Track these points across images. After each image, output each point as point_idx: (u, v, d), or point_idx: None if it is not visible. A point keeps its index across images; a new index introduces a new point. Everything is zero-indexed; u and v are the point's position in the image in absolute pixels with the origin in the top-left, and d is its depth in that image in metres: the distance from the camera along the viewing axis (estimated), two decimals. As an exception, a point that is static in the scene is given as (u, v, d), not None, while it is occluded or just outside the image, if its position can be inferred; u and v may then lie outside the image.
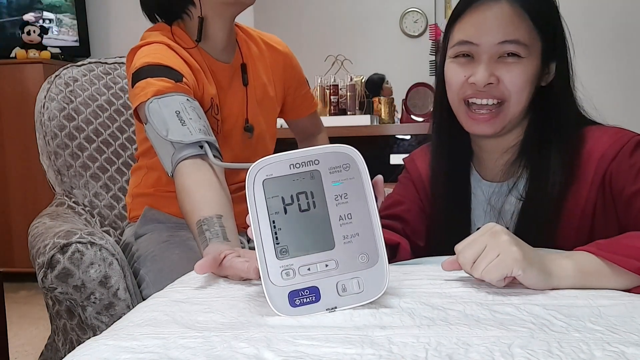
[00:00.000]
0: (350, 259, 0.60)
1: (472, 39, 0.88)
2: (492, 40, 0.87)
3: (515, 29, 0.87)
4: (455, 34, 0.92)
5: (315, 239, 0.60)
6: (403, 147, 2.53)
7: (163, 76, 1.06)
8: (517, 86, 0.88)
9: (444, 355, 0.47)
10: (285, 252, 0.59)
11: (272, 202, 0.59)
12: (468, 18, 0.90)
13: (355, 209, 0.61)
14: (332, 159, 0.61)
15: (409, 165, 1.08)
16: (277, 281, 0.59)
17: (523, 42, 0.87)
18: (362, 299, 0.60)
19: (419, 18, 2.92)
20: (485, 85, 0.88)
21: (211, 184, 0.98)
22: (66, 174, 1.45)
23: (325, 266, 0.59)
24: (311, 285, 0.59)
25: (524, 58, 0.87)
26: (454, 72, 0.92)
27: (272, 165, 0.60)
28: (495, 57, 0.88)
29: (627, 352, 0.47)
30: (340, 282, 0.60)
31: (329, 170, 0.61)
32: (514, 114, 0.90)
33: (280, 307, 0.58)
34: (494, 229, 0.67)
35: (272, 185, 0.60)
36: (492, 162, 0.97)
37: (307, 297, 0.59)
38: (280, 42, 1.38)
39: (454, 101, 0.93)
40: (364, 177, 0.61)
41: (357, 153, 0.62)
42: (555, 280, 0.66)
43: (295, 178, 0.60)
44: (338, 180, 0.61)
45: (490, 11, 0.88)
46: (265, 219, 0.59)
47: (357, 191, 0.61)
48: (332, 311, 0.59)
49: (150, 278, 1.12)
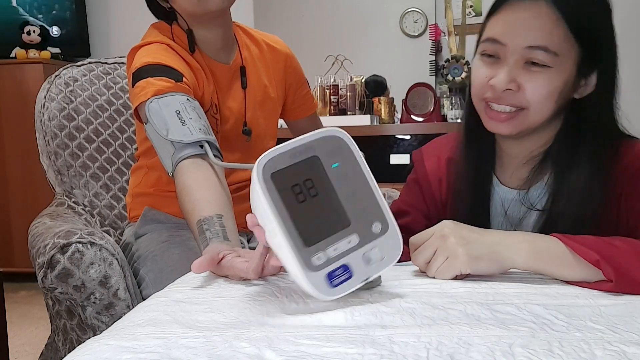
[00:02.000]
0: (367, 230, 0.63)
1: (500, 37, 0.84)
2: (520, 43, 0.82)
3: (547, 34, 0.80)
4: (486, 29, 0.87)
5: (331, 220, 0.62)
6: (403, 147, 2.53)
7: (163, 76, 1.06)
8: (538, 96, 0.82)
9: (445, 355, 0.47)
10: (310, 239, 0.60)
11: (284, 195, 0.60)
12: (502, 15, 0.85)
13: (357, 184, 0.64)
14: (325, 142, 0.63)
15: (416, 160, 1.05)
16: (313, 268, 0.59)
17: (553, 49, 0.81)
18: (386, 264, 0.64)
19: (419, 18, 2.92)
20: (504, 91, 0.83)
21: (211, 183, 0.98)
22: (66, 174, 1.45)
23: (348, 243, 0.62)
24: (342, 264, 0.61)
25: (551, 67, 0.81)
26: (477, 70, 0.88)
27: (275, 159, 0.60)
28: (521, 62, 0.82)
29: (627, 352, 0.47)
30: (364, 254, 0.62)
31: (326, 154, 0.63)
32: (533, 122, 0.85)
33: (324, 291, 0.60)
34: (443, 232, 0.73)
35: (280, 178, 0.60)
36: (513, 167, 0.93)
37: (342, 276, 0.61)
38: (281, 42, 1.38)
39: (474, 98, 0.89)
40: (356, 153, 0.64)
41: (344, 132, 0.65)
42: (509, 263, 0.70)
43: (298, 167, 0.61)
44: (335, 161, 0.63)
45: (525, 12, 0.82)
46: (284, 212, 0.59)
47: (353, 168, 0.64)
48: (366, 282, 0.63)
49: (150, 278, 1.12)
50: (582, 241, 0.68)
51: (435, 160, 1.01)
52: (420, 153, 1.05)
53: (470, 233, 0.73)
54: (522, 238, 0.72)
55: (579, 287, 0.67)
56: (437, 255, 0.72)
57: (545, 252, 0.69)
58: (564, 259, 0.68)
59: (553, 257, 0.69)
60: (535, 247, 0.70)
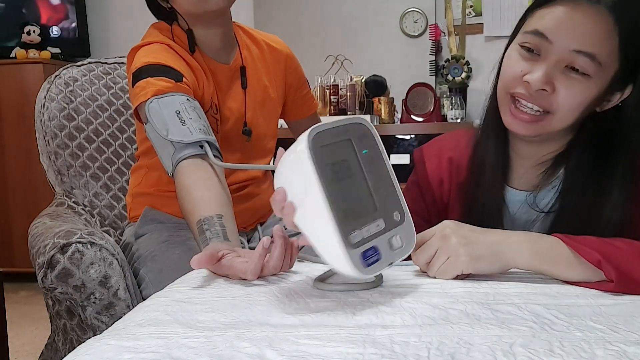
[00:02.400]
0: (390, 218, 0.65)
1: (548, 33, 0.78)
2: (568, 45, 0.77)
3: (598, 42, 0.76)
4: (533, 19, 0.81)
5: (363, 202, 0.63)
6: (403, 147, 2.53)
7: (163, 76, 1.06)
8: (569, 104, 0.79)
9: (446, 355, 0.47)
10: (347, 217, 0.61)
11: (328, 170, 0.60)
12: (555, 8, 0.79)
13: (381, 172, 0.67)
14: (356, 128, 0.66)
15: (418, 166, 1.03)
16: (352, 245, 0.60)
17: (599, 59, 0.77)
18: (404, 253, 0.67)
19: (419, 18, 2.92)
20: (538, 90, 0.79)
21: (211, 183, 0.98)
22: (66, 174, 1.45)
23: (376, 226, 0.63)
24: (373, 245, 0.63)
25: (591, 77, 0.78)
26: (513, 61, 0.83)
27: (323, 134, 0.62)
28: (562, 64, 0.78)
29: (628, 351, 0.47)
30: (389, 239, 0.65)
31: (358, 139, 0.65)
32: (554, 128, 0.83)
33: (360, 269, 0.60)
34: (444, 232, 0.73)
35: (325, 153, 0.61)
36: (522, 169, 0.91)
37: (374, 257, 0.62)
38: (281, 42, 1.38)
39: (500, 90, 0.85)
40: (379, 143, 0.68)
41: (369, 123, 0.68)
42: (511, 263, 0.71)
43: (338, 146, 0.63)
44: (365, 148, 0.66)
45: (581, 12, 0.77)
46: (327, 185, 0.59)
47: (378, 157, 0.67)
48: (391, 266, 0.65)
49: (150, 278, 1.12)
50: (583, 242, 0.68)
51: (436, 161, 1.00)
52: (421, 152, 1.03)
53: (471, 233, 0.73)
54: (524, 238, 0.72)
55: (579, 287, 0.67)
56: (438, 255, 0.72)
57: (546, 252, 0.70)
58: (565, 259, 0.68)
59: (554, 257, 0.69)
60: (537, 247, 0.70)
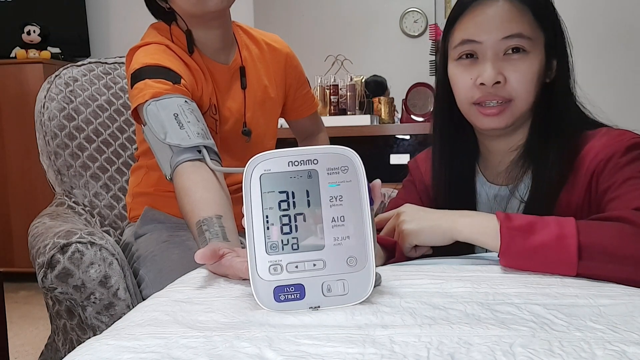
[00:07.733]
0: (338, 260, 0.60)
1: (474, 37, 0.88)
2: (495, 37, 0.87)
3: (517, 23, 0.86)
4: (456, 34, 0.91)
5: (305, 237, 0.60)
6: (403, 147, 2.53)
7: (161, 78, 1.06)
8: (524, 84, 0.87)
9: (446, 355, 0.47)
10: (275, 247, 0.60)
11: (267, 197, 0.60)
12: (468, 17, 0.89)
13: (349, 212, 0.61)
14: (331, 160, 0.61)
15: (412, 167, 1.09)
16: (265, 275, 0.59)
17: (526, 35, 0.86)
18: (346, 301, 0.60)
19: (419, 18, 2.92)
20: (493, 85, 0.87)
21: (210, 184, 0.98)
22: (66, 174, 1.45)
23: (312, 265, 0.60)
24: (297, 282, 0.60)
25: (529, 52, 0.87)
26: (459, 75, 0.91)
27: (270, 161, 0.60)
28: (500, 54, 0.87)
29: (628, 351, 0.47)
30: (326, 282, 0.60)
31: (327, 171, 0.61)
32: (521, 111, 0.89)
33: (265, 301, 0.59)
34: (399, 212, 0.86)
35: (268, 180, 0.60)
36: (496, 163, 0.97)
37: (292, 294, 0.60)
38: (281, 42, 1.38)
39: (463, 104, 0.92)
40: (361, 181, 0.61)
41: (356, 156, 0.62)
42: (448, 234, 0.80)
43: (293, 175, 0.60)
44: (335, 182, 0.61)
45: (490, 8, 0.88)
46: (259, 213, 0.59)
47: (352, 194, 0.61)
48: (315, 310, 0.59)
49: (150, 278, 1.12)
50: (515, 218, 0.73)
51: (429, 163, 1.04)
52: (415, 161, 1.09)
53: (418, 212, 0.84)
54: (466, 214, 0.81)
55: (578, 287, 0.67)
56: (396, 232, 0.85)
57: (478, 226, 0.78)
58: (492, 230, 0.75)
59: (485, 230, 0.76)
60: (472, 221, 0.79)
